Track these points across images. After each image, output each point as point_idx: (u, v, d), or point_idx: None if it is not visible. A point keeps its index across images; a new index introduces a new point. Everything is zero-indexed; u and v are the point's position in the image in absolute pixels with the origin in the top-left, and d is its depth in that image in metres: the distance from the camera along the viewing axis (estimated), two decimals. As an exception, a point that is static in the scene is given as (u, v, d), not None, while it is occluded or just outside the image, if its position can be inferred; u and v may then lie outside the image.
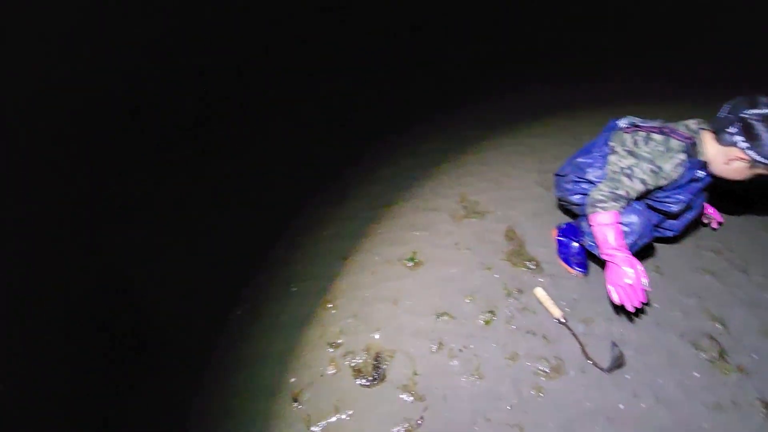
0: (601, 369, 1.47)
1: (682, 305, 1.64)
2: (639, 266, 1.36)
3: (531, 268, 1.79)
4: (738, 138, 1.30)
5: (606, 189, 1.43)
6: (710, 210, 1.84)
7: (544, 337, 1.58)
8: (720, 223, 1.86)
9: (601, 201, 1.41)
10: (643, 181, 1.41)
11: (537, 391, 1.44)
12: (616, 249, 1.39)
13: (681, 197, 1.48)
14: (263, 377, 1.55)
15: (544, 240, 1.90)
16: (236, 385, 1.54)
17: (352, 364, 1.54)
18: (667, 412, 1.36)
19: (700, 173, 1.45)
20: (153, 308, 1.86)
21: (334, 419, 1.41)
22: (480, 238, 1.94)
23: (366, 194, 2.27)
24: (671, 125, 1.48)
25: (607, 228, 1.40)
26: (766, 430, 1.31)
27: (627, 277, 1.35)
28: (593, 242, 1.52)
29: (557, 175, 1.80)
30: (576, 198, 1.65)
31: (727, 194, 1.83)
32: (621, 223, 1.44)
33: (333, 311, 1.73)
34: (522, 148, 2.47)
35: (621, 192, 1.41)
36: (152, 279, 1.98)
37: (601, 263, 1.67)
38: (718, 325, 1.57)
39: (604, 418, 1.36)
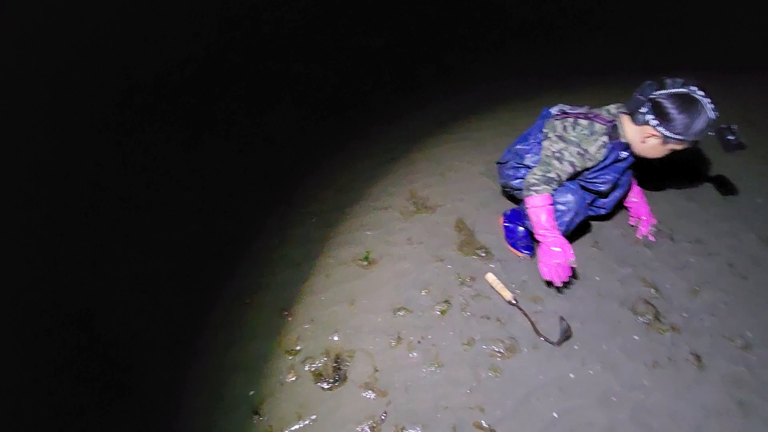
0: (552, 343, 1.54)
1: (619, 275, 1.76)
2: (567, 247, 1.48)
3: (481, 256, 1.85)
4: (649, 117, 1.41)
5: (539, 173, 1.52)
6: (642, 215, 1.87)
7: (498, 319, 1.63)
8: (652, 227, 1.88)
9: (534, 185, 1.50)
10: (571, 163, 1.51)
11: (494, 371, 1.48)
12: (547, 230, 1.50)
13: (608, 177, 1.59)
14: (222, 393, 1.50)
15: (491, 227, 1.97)
16: (194, 405, 1.48)
17: (312, 369, 1.53)
18: (613, 375, 1.45)
19: (624, 154, 1.57)
20: (103, 330, 1.75)
21: (297, 426, 1.39)
22: (431, 231, 1.99)
23: (315, 198, 2.26)
24: (596, 110, 1.59)
25: (540, 210, 1.50)
26: (699, 379, 1.43)
27: (556, 257, 1.47)
28: None
29: (499, 163, 1.89)
30: (517, 183, 1.73)
31: (650, 171, 1.98)
32: (558, 202, 1.53)
33: (289, 319, 1.70)
34: (466, 142, 2.56)
35: (552, 175, 1.50)
36: (100, 298, 1.86)
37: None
38: (652, 290, 1.69)
39: (557, 388, 1.42)
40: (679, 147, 1.46)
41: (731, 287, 1.69)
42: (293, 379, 1.51)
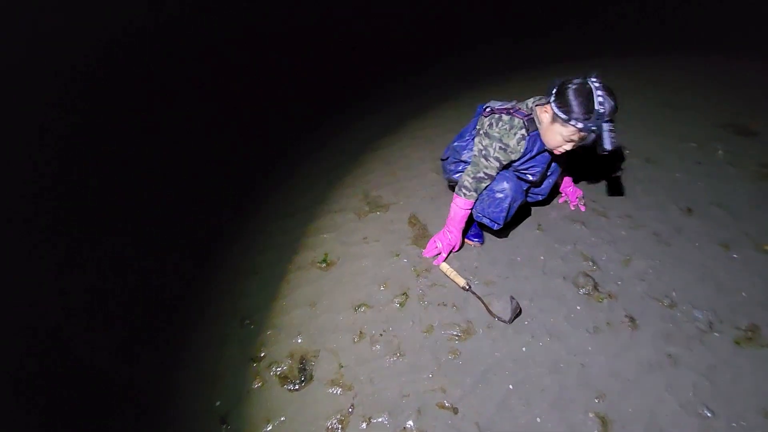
0: (504, 321, 1.64)
1: (561, 253, 1.90)
2: (454, 247, 1.83)
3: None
4: (551, 98, 1.50)
5: (470, 176, 1.66)
6: (569, 190, 2.07)
7: (454, 305, 1.72)
8: (579, 199, 2.08)
9: (467, 188, 1.67)
10: (497, 159, 1.62)
11: (453, 354, 1.56)
12: (455, 227, 1.78)
13: (536, 168, 1.70)
14: (188, 407, 1.49)
15: (443, 220, 2.06)
16: (163, 420, 1.46)
17: (278, 373, 1.55)
18: (560, 344, 1.57)
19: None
20: (63, 345, 1.68)
21: (266, 429, 1.40)
22: (386, 229, 2.06)
23: (272, 204, 2.28)
24: (519, 105, 1.70)
25: (459, 210, 1.72)
26: (634, 338, 1.58)
27: (443, 245, 1.83)
28: (482, 214, 1.71)
29: (442, 159, 1.99)
30: (457, 177, 1.84)
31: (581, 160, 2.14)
32: (495, 190, 1.65)
33: (251, 326, 1.71)
34: (415, 141, 2.66)
35: (481, 174, 1.64)
36: (58, 316, 1.78)
37: (494, 232, 1.88)
38: (590, 264, 1.84)
39: (511, 362, 1.52)
40: (566, 131, 1.48)
41: (658, 254, 1.87)
42: (259, 385, 1.52)
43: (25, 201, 2.46)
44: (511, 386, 1.46)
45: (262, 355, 1.61)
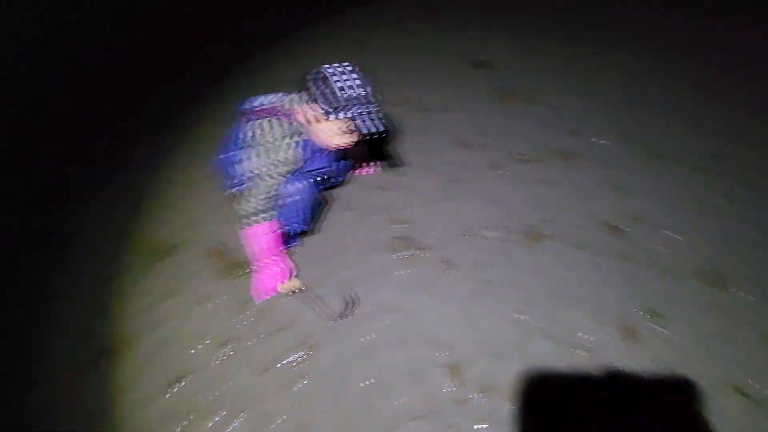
0: (343, 317, 1.55)
1: (376, 225, 1.88)
2: (284, 274, 1.59)
3: (247, 272, 1.70)
4: (302, 96, 1.41)
5: (256, 199, 1.43)
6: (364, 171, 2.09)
7: (290, 324, 1.55)
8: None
9: (260, 212, 1.44)
10: (276, 174, 1.43)
11: (304, 377, 1.41)
12: (274, 255, 1.54)
13: (323, 167, 1.57)
14: None
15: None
16: None
17: None
18: (401, 316, 1.57)
19: None
20: None
21: None
22: (183, 274, 1.71)
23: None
24: (280, 103, 1.49)
25: (267, 236, 1.48)
26: (456, 278, 1.69)
27: (278, 281, 1.59)
28: (285, 223, 1.54)
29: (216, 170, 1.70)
30: (236, 190, 1.58)
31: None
32: (287, 195, 1.47)
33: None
34: (193, 158, 2.27)
35: (262, 197, 1.43)
36: None
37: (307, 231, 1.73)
38: (405, 226, 1.88)
39: (364, 355, 1.47)
40: (329, 126, 1.39)
41: (451, 194, 2.04)
42: None
43: None
44: (371, 381, 1.40)
45: None
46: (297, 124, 1.45)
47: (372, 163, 2.10)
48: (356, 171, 2.07)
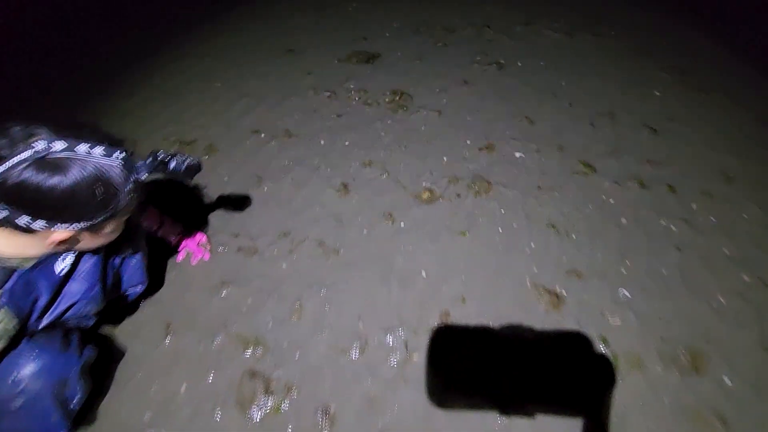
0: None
1: (215, 347, 1.31)
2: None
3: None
4: (9, 213, 0.75)
5: None
6: (187, 242, 1.57)
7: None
8: (204, 246, 1.60)
9: None
10: None
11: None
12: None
13: (78, 300, 1.00)
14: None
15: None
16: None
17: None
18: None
19: (61, 264, 0.94)
20: None
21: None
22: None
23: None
24: None
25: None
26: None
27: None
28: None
29: None
30: None
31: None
32: (7, 397, 0.89)
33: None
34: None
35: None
36: None
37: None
38: (258, 348, 1.33)
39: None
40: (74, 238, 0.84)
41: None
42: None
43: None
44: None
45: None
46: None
47: (202, 243, 1.59)
48: (180, 256, 1.57)
